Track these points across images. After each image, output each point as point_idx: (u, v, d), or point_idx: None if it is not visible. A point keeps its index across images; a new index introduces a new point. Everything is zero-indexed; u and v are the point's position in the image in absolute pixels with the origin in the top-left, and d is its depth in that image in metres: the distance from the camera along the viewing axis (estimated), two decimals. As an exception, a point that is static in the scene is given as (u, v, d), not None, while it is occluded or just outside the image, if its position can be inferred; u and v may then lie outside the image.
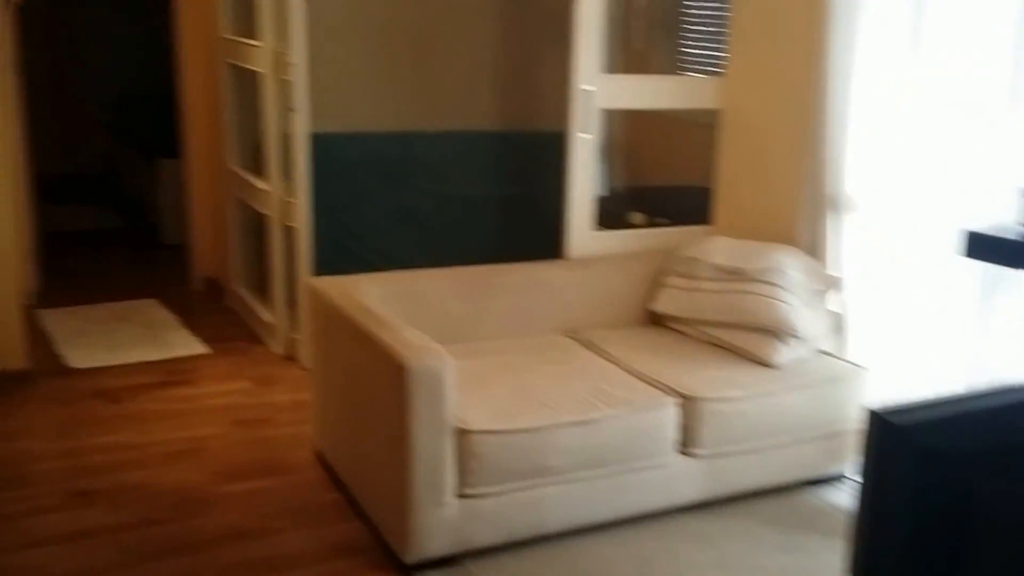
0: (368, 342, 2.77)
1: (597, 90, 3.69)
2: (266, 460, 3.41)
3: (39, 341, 4.44)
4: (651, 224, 4.33)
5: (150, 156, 6.41)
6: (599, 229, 3.89)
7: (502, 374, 3.04)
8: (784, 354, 3.20)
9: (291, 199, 4.15)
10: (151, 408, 3.81)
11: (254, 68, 4.36)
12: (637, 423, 2.87)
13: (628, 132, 5.02)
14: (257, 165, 4.57)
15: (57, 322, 4.74)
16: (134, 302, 5.10)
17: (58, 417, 3.71)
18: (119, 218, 6.95)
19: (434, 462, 2.60)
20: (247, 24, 4.44)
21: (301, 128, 4.02)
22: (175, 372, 4.18)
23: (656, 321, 3.63)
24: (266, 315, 4.53)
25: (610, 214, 4.15)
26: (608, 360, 3.25)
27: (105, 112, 7.80)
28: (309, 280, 3.34)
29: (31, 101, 6.42)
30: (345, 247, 4.73)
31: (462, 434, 2.65)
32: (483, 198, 5.10)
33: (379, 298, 3.16)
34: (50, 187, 7.17)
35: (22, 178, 4.95)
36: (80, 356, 4.31)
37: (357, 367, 2.92)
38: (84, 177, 7.81)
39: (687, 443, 2.99)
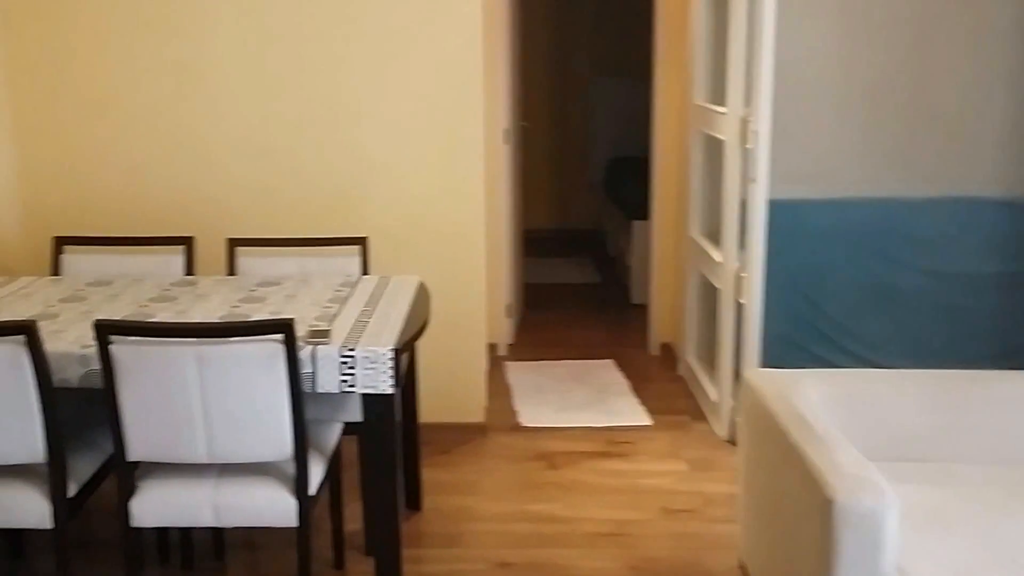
0: (794, 457, 2.40)
1: None
2: (686, 561, 3.16)
3: (501, 394, 4.65)
4: None
5: (628, 216, 6.53)
6: None
7: (969, 516, 2.48)
8: None
9: (744, 274, 3.88)
10: (585, 480, 3.76)
11: (719, 136, 4.18)
12: None
13: None
14: (715, 235, 4.37)
15: (520, 376, 4.94)
16: (592, 362, 5.16)
17: (502, 477, 3.81)
18: (597, 275, 7.18)
19: (861, 621, 2.16)
20: (719, 91, 4.28)
21: (759, 198, 3.75)
22: (615, 442, 4.11)
23: None
24: (712, 392, 4.30)
25: None
26: (1122, 514, 2.50)
27: (599, 172, 8.19)
28: (746, 372, 3.05)
29: (535, 162, 6.96)
30: (805, 327, 4.34)
31: (901, 592, 2.17)
32: (979, 277, 4.39)
33: (822, 400, 2.77)
34: (541, 241, 7.70)
35: (511, 235, 5.29)
36: (532, 414, 4.42)
37: (782, 483, 2.56)
38: (575, 233, 8.26)
39: None
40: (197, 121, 3.88)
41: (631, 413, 4.43)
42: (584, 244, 8.00)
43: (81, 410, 2.72)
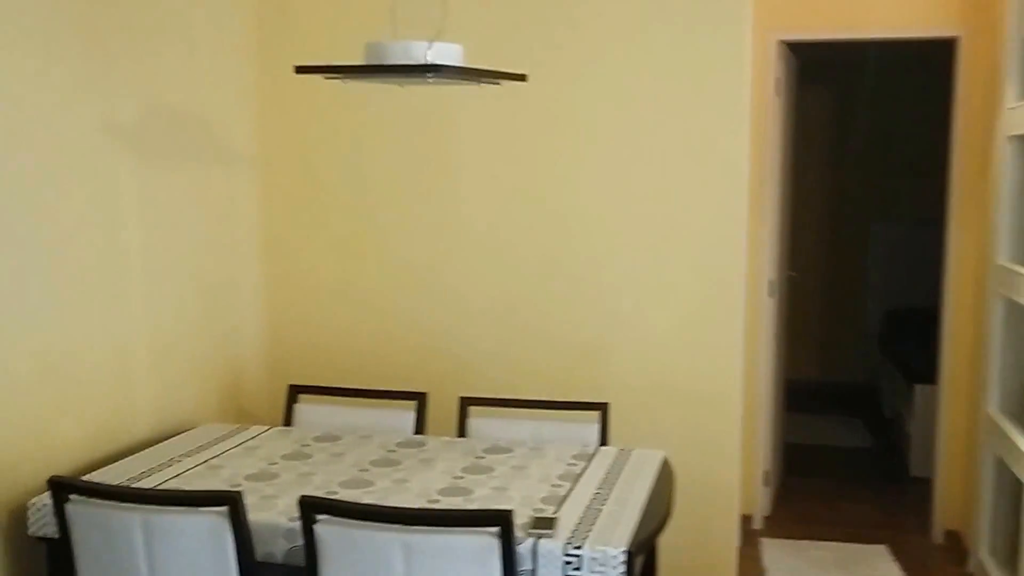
0: None
1: None
2: None
3: (754, 577, 4.12)
4: None
5: (910, 379, 5.82)
6: None
7: None
8: None
9: (1064, 473, 3.19)
10: None
11: (1028, 301, 3.56)
12: None
13: None
14: (1019, 415, 3.68)
15: (777, 556, 4.37)
16: (862, 547, 4.49)
17: None
18: (869, 438, 6.44)
19: None
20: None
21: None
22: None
23: None
24: (1017, 609, 3.54)
25: None
26: None
27: (874, 324, 7.49)
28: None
29: (801, 309, 6.43)
30: None
31: None
32: None
33: None
34: (805, 394, 7.05)
35: (772, 394, 4.82)
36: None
37: None
38: (843, 388, 7.53)
39: None
40: (437, 272, 3.80)
41: (909, 621, 3.75)
42: (854, 401, 7.25)
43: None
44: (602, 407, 3.17)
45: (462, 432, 3.20)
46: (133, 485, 2.57)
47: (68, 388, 2.80)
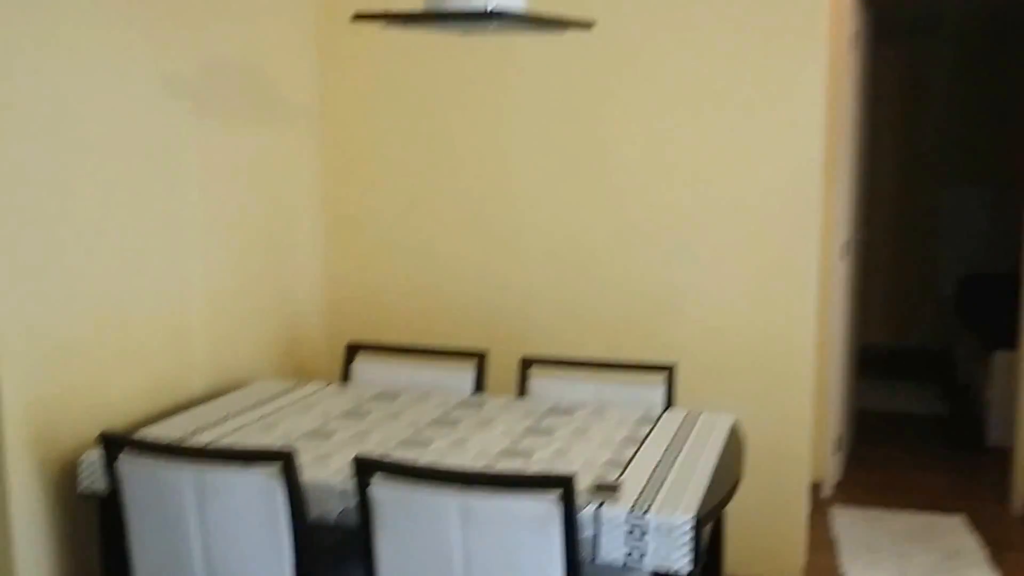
0: None
1: None
2: None
3: (824, 547, 3.98)
4: None
5: (988, 345, 5.58)
6: None
7: None
8: None
9: None
10: None
11: None
12: None
13: None
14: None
15: (848, 525, 4.22)
16: (938, 517, 4.32)
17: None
18: (943, 405, 6.21)
19: None
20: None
21: None
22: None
23: None
24: (1107, 589, 3.36)
25: None
26: None
27: (949, 288, 7.22)
28: None
29: (872, 273, 6.25)
30: None
31: None
32: None
33: None
34: (877, 360, 6.82)
35: (844, 358, 4.65)
36: (860, 579, 3.72)
37: None
38: (916, 354, 7.28)
39: None
40: (500, 227, 3.69)
41: (989, 596, 3.59)
42: (927, 367, 7.00)
43: (340, 544, 2.48)
44: (668, 369, 3.05)
45: (522, 392, 3.11)
46: (187, 441, 2.53)
47: (124, 343, 2.76)
